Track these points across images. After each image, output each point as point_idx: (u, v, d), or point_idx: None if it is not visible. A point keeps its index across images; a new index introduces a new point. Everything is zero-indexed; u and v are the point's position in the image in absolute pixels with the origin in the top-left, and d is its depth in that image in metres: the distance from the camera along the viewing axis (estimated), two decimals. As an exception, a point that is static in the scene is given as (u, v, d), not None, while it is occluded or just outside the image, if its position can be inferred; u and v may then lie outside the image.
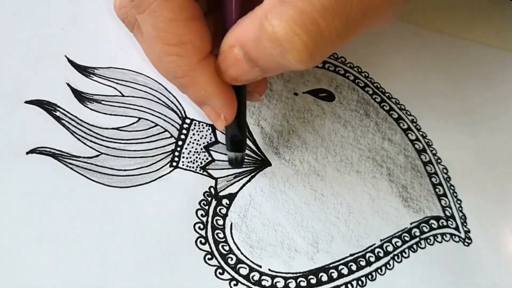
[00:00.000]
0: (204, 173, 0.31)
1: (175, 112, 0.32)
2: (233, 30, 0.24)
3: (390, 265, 0.31)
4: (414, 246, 0.31)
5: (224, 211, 0.30)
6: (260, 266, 0.29)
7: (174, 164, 0.31)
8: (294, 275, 0.29)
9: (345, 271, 0.30)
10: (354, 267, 0.30)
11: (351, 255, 0.30)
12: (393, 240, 0.31)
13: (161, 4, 0.23)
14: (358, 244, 0.31)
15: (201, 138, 0.32)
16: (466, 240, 0.32)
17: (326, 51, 0.22)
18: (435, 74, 0.38)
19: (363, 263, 0.30)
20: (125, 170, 0.30)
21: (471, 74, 0.39)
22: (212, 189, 0.30)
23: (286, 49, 0.21)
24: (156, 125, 0.31)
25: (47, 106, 0.31)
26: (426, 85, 0.38)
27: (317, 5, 0.21)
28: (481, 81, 0.39)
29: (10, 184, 0.28)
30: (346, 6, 0.21)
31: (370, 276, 0.30)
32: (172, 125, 0.32)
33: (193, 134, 0.32)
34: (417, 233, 0.32)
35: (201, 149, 0.31)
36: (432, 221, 0.32)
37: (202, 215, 0.29)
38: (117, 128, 0.31)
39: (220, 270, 0.28)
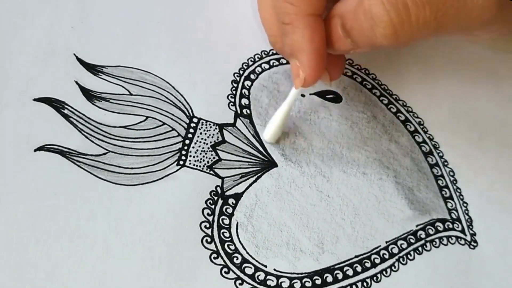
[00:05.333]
0: (211, 172, 0.31)
1: (182, 111, 0.32)
2: (339, 2, 0.28)
3: (395, 267, 0.30)
4: (420, 248, 0.31)
5: (230, 210, 0.30)
6: (265, 266, 0.29)
7: (181, 162, 0.31)
8: (299, 275, 0.29)
9: (350, 272, 0.30)
10: (359, 268, 0.30)
11: (356, 256, 0.30)
12: (399, 242, 0.31)
13: None
14: (363, 245, 0.31)
15: (208, 137, 0.32)
16: (472, 243, 0.32)
17: (411, 33, 0.25)
18: (443, 76, 0.38)
19: (368, 265, 0.30)
20: (132, 168, 0.30)
21: (479, 77, 0.39)
22: (218, 188, 0.30)
23: (375, 22, 0.25)
24: (164, 123, 0.32)
25: (56, 104, 0.31)
26: (433, 88, 0.37)
27: None
28: (489, 84, 0.39)
29: (18, 181, 0.28)
30: (439, 1, 0.24)
31: (375, 278, 0.30)
32: (180, 124, 0.32)
33: (200, 133, 0.32)
34: (423, 236, 0.32)
35: (208, 148, 0.31)
36: (438, 223, 0.32)
37: (208, 214, 0.29)
38: (124, 127, 0.31)
39: (225, 269, 0.28)
